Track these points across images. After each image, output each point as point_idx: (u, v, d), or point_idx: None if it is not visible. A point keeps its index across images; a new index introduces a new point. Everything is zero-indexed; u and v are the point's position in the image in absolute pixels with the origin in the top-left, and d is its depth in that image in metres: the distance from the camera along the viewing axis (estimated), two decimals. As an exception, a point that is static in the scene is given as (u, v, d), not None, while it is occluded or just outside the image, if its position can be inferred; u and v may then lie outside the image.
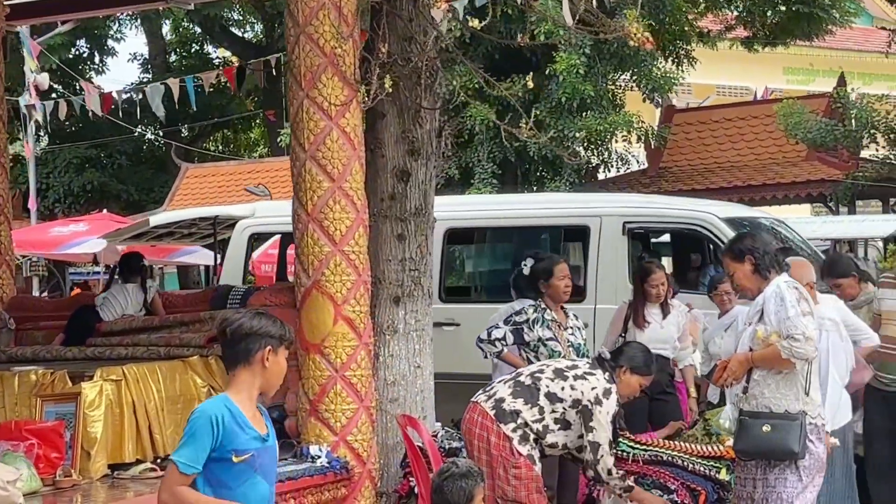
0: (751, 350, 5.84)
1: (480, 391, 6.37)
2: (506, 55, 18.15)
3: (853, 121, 18.12)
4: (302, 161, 6.93)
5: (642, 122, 20.04)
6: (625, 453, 7.04)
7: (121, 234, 15.14)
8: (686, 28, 20.91)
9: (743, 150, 21.00)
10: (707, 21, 23.10)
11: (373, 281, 7.38)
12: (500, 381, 6.30)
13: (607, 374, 6.09)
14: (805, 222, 17.11)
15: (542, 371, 6.16)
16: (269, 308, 7.27)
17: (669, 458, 6.91)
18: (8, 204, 9.15)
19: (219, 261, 15.26)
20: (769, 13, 21.44)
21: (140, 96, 18.55)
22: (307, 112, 6.89)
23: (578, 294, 9.92)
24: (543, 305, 7.43)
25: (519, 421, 6.01)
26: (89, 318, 8.33)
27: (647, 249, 12.00)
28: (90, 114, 18.50)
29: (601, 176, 21.80)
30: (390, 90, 6.56)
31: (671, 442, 7.03)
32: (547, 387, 6.05)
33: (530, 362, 7.13)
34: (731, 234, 9.83)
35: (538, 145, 17.73)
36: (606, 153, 20.26)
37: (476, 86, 17.76)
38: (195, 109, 24.30)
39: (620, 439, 7.09)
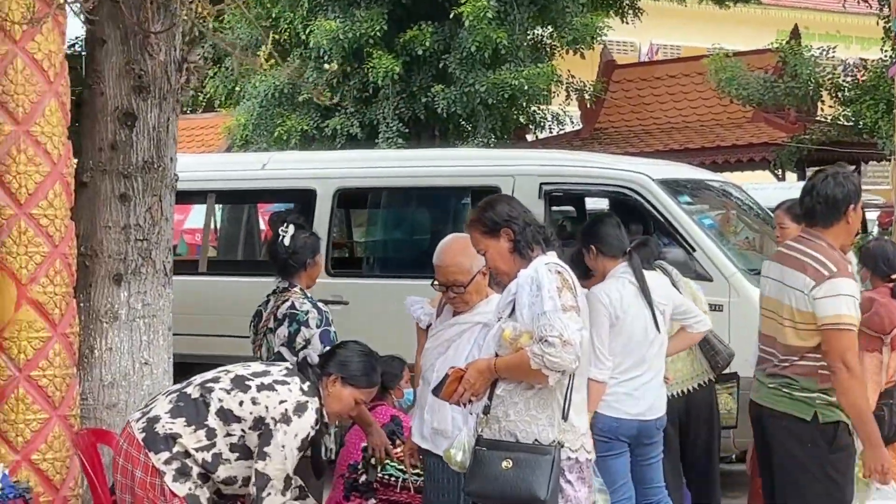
0: (497, 356, 4.39)
1: (142, 406, 4.91)
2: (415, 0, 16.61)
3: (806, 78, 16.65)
4: (-22, 97, 5.46)
5: (572, 77, 18.54)
6: (392, 479, 5.64)
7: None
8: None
9: (685, 109, 19.60)
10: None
11: (88, 254, 5.95)
12: (164, 393, 4.80)
13: (307, 383, 4.63)
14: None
15: (217, 380, 4.67)
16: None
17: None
18: None
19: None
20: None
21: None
22: (-16, 33, 5.42)
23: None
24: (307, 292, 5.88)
25: (175, 449, 4.53)
26: None
27: (581, 217, 10.51)
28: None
29: (530, 137, 20.36)
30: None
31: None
32: (220, 401, 4.56)
33: None
34: (667, 199, 8.45)
35: (448, 101, 16.24)
36: (539, 112, 18.78)
37: (379, 33, 16.32)
38: None
39: (388, 461, 5.66)
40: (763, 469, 5.12)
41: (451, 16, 15.87)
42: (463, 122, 17.25)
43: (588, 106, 19.79)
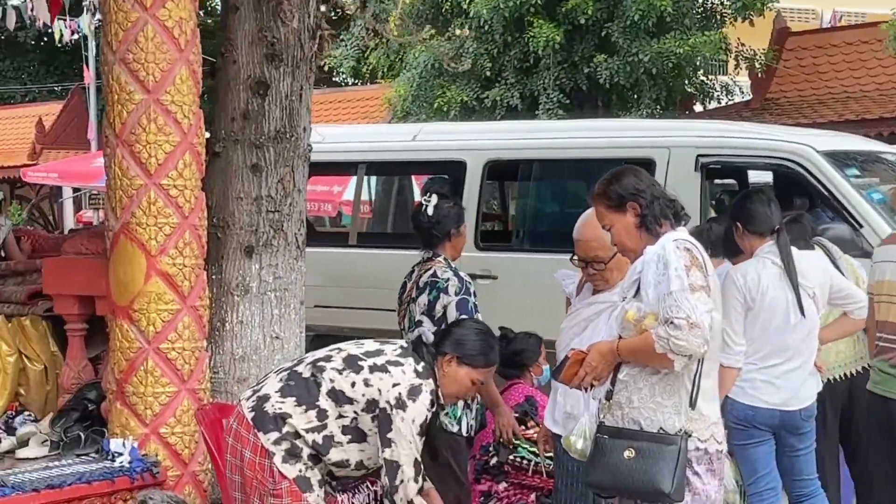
0: (620, 337, 4.11)
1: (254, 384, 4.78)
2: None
3: None
4: (110, 65, 5.43)
5: (742, 45, 17.91)
6: (524, 462, 5.43)
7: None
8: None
9: (863, 78, 18.69)
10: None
11: (219, 225, 5.89)
12: (276, 371, 4.65)
13: (422, 364, 4.43)
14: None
15: (329, 359, 4.47)
16: (83, 256, 5.83)
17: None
18: None
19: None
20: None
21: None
22: (116, 0, 5.38)
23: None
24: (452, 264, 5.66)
25: (285, 429, 4.34)
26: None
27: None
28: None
29: (698, 108, 19.78)
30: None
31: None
32: (332, 381, 4.36)
33: None
34: (832, 172, 8.02)
35: (609, 71, 15.87)
36: (707, 81, 18.25)
37: (540, 2, 16.03)
38: None
39: (519, 444, 5.45)
40: (885, 465, 4.73)
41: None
42: (627, 93, 16.85)
43: (759, 75, 19.10)
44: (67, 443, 5.63)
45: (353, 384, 4.32)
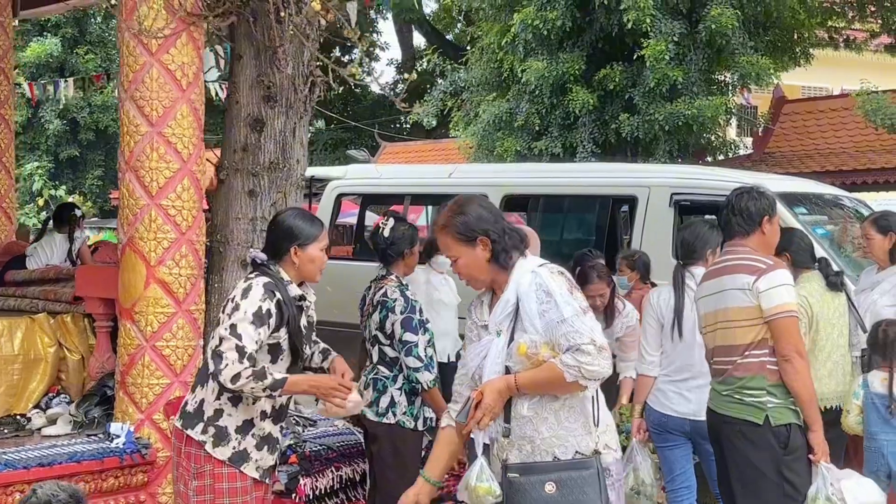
0: (508, 371, 3.04)
1: None
2: (608, 42, 15.29)
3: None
4: (122, 101, 4.75)
5: (731, 108, 16.74)
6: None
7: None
8: (809, 30, 17.21)
9: (843, 138, 17.39)
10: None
11: (221, 241, 5.15)
12: None
13: (253, 274, 3.53)
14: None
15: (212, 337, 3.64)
16: (107, 265, 5.15)
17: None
18: (8, 151, 7.31)
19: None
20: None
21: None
22: (127, 46, 4.71)
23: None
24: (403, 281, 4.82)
25: (207, 414, 3.50)
26: (15, 267, 6.40)
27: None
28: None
29: (710, 159, 18.58)
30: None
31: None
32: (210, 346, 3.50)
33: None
34: (784, 212, 7.03)
35: (630, 127, 14.86)
36: (716, 138, 17.09)
37: (578, 72, 15.11)
38: None
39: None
40: (721, 477, 3.83)
41: (635, 57, 14.49)
42: (647, 145, 15.80)
43: (759, 134, 17.90)
44: (86, 423, 4.95)
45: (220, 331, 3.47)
